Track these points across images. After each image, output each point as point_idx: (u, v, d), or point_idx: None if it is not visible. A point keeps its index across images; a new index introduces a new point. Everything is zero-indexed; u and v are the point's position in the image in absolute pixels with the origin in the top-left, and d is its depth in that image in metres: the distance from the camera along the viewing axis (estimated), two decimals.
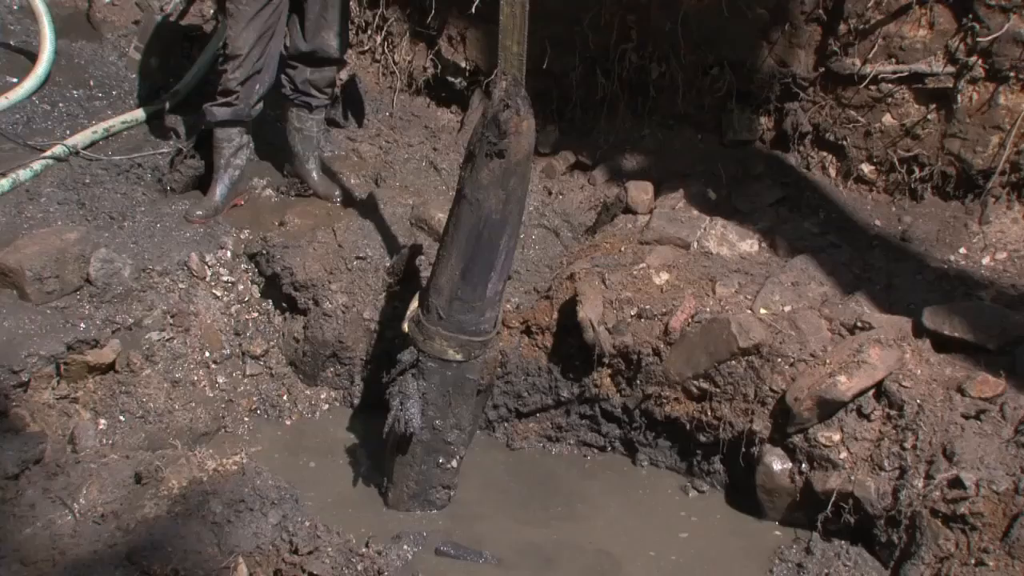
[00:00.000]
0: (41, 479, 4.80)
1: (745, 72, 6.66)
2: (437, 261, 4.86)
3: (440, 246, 4.85)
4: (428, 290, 4.87)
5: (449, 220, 4.79)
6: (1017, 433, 4.75)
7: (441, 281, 4.80)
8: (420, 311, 4.91)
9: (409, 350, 4.97)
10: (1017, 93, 5.88)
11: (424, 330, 4.89)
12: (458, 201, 4.68)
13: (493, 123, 4.43)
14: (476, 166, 4.54)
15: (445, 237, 4.79)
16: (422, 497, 5.26)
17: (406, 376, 5.01)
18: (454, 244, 4.70)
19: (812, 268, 5.78)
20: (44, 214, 6.11)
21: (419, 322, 4.88)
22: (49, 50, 7.22)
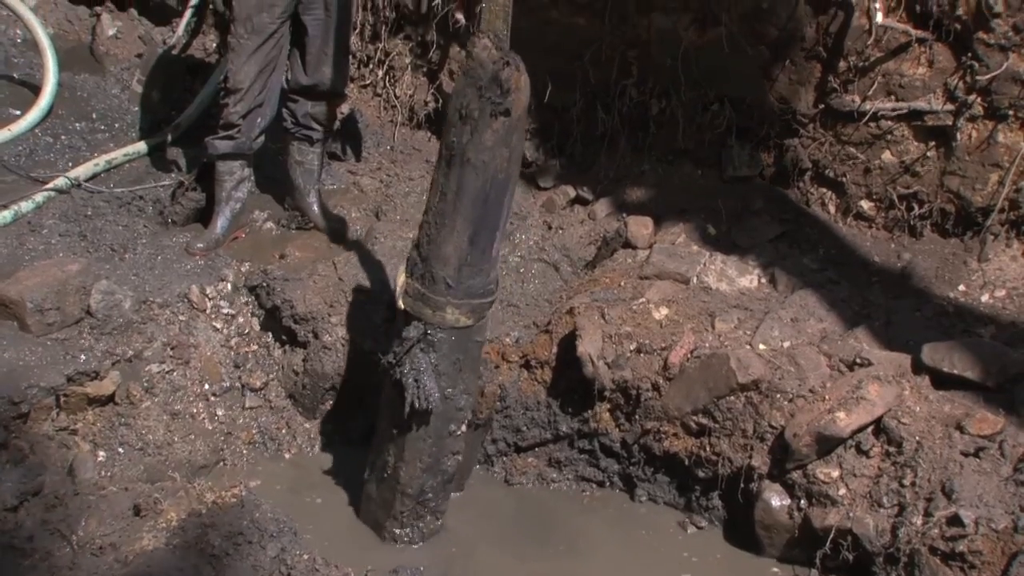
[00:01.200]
0: (40, 511, 4.80)
1: (745, 108, 6.69)
2: (435, 232, 4.69)
3: (435, 216, 4.68)
4: (427, 262, 4.72)
5: (444, 189, 4.61)
6: (1016, 471, 4.74)
7: (447, 250, 4.67)
8: (418, 284, 4.77)
9: (414, 325, 4.83)
10: (1016, 131, 5.90)
11: (431, 302, 4.76)
12: (458, 167, 4.54)
13: (494, 82, 4.32)
14: (477, 128, 4.43)
15: (442, 206, 4.63)
16: (436, 468, 5.16)
17: (414, 352, 4.88)
18: (458, 212, 4.59)
19: (811, 304, 5.79)
20: (46, 246, 6.11)
21: (423, 295, 4.75)
22: (52, 83, 7.24)
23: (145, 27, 8.13)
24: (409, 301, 4.77)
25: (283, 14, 6.05)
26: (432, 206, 4.63)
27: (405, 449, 5.06)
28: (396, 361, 4.85)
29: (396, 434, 5.05)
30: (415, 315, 4.77)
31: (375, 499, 5.28)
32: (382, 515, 5.25)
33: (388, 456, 5.11)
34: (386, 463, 5.12)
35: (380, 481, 5.20)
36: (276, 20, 6.03)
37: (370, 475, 5.25)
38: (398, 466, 5.10)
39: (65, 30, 8.06)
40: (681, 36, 6.62)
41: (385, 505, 5.23)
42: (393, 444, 5.08)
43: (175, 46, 7.93)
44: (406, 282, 4.77)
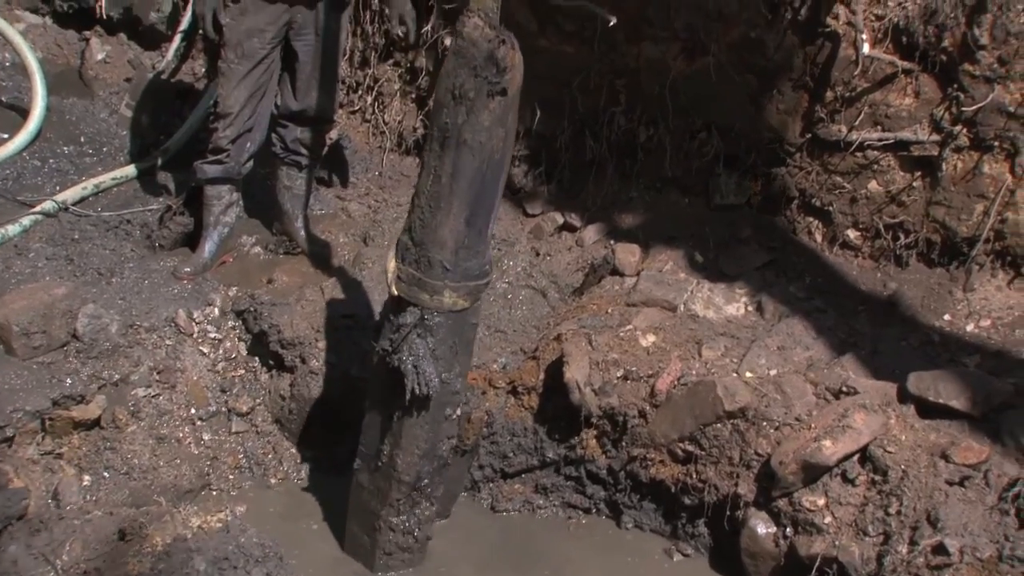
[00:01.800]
0: (24, 535, 4.80)
1: (733, 137, 6.70)
2: (430, 216, 4.58)
3: (429, 200, 4.56)
4: (422, 246, 4.63)
5: (439, 172, 4.49)
6: (1001, 500, 4.75)
7: (443, 234, 4.58)
8: (413, 269, 4.67)
9: (410, 311, 4.73)
10: (1001, 162, 5.90)
11: (428, 286, 4.66)
12: (453, 149, 4.43)
13: (490, 62, 4.25)
14: (474, 109, 4.33)
15: (436, 189, 4.51)
16: (432, 453, 5.09)
17: (411, 338, 4.78)
18: (454, 194, 4.49)
19: (798, 332, 5.80)
20: (32, 269, 6.11)
21: (419, 280, 4.66)
22: (40, 106, 7.24)
23: (134, 51, 8.14)
24: (403, 287, 4.68)
25: (273, 39, 6.07)
26: (424, 189, 4.54)
27: (402, 436, 4.98)
28: (393, 348, 4.77)
29: (391, 422, 4.98)
30: (410, 300, 4.69)
31: (368, 488, 5.20)
32: (377, 504, 5.17)
33: (383, 445, 5.04)
34: (380, 452, 5.06)
35: (374, 471, 5.13)
36: (266, 45, 6.06)
37: (361, 465, 5.18)
38: (395, 454, 5.02)
39: (54, 54, 8.06)
40: (670, 65, 6.64)
41: (380, 494, 5.15)
42: (388, 433, 5.01)
43: (164, 71, 7.93)
44: (398, 268, 4.69)
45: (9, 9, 8.14)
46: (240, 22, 5.98)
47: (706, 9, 6.40)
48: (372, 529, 5.23)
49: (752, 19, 6.38)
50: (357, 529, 5.36)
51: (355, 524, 5.37)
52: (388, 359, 4.77)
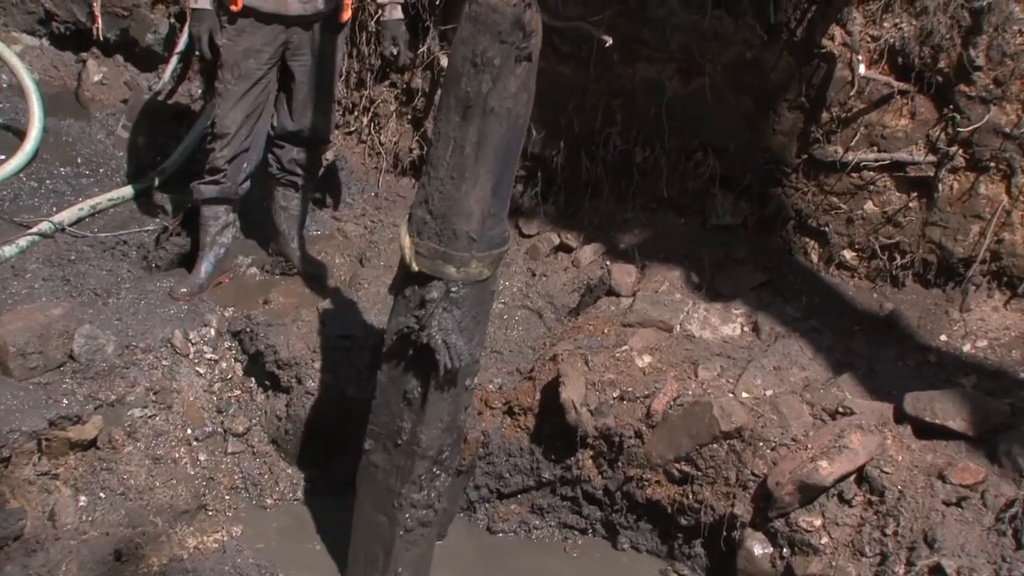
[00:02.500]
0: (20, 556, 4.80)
1: (728, 157, 6.72)
2: (453, 188, 4.43)
3: (451, 172, 4.41)
4: (444, 219, 4.49)
5: (461, 142, 4.34)
6: (998, 521, 4.75)
7: (468, 204, 4.46)
8: (434, 243, 4.52)
9: (435, 285, 4.59)
10: (997, 183, 5.94)
11: (455, 259, 4.53)
12: (479, 118, 4.30)
13: (517, 27, 4.12)
14: (500, 76, 4.21)
15: (459, 160, 4.37)
16: (453, 425, 4.99)
17: (437, 313, 4.64)
18: (480, 163, 4.37)
19: (794, 353, 5.81)
20: (29, 290, 6.11)
21: (443, 253, 4.51)
22: (37, 127, 7.28)
23: (131, 73, 8.16)
24: (426, 262, 4.54)
25: (270, 60, 6.09)
26: (443, 161, 4.40)
27: (425, 412, 4.87)
28: (421, 325, 4.62)
29: (412, 399, 4.86)
30: (433, 275, 4.55)
31: (385, 468, 5.05)
32: (397, 482, 5.04)
33: (403, 422, 4.92)
34: (400, 430, 4.93)
35: (393, 449, 4.99)
36: (263, 66, 6.07)
37: (375, 446, 5.05)
38: (418, 430, 4.92)
39: (51, 75, 8.10)
40: (665, 85, 6.66)
41: (401, 472, 5.02)
42: (409, 410, 4.89)
43: (161, 92, 7.94)
44: (415, 243, 4.55)
45: (6, 31, 8.18)
46: (237, 43, 5.99)
47: (701, 30, 6.42)
48: (392, 508, 5.10)
49: (748, 40, 6.41)
50: (370, 517, 5.19)
51: (368, 507, 5.19)
52: (415, 336, 4.63)
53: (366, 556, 5.20)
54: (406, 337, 4.65)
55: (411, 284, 4.63)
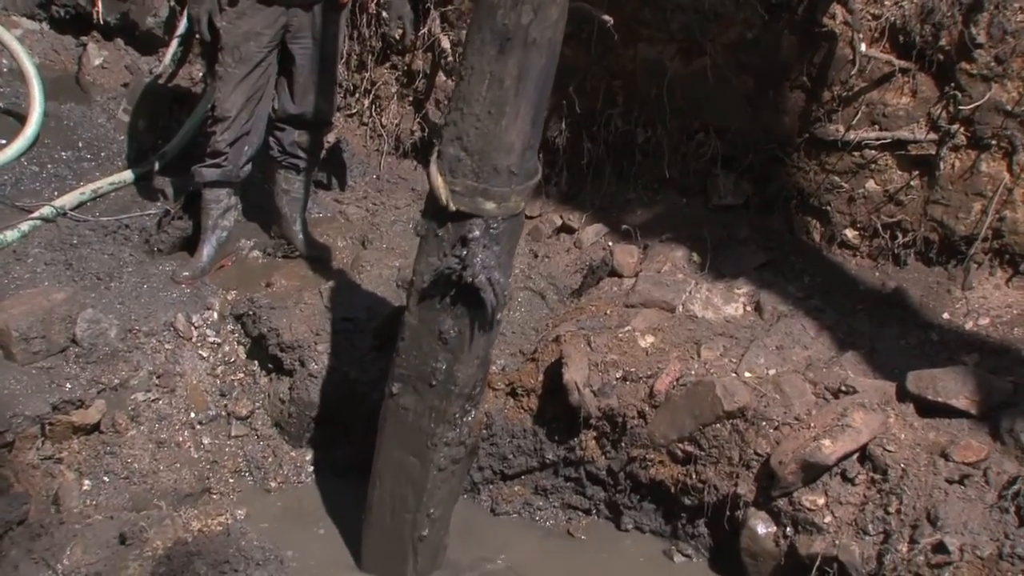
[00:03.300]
0: (25, 540, 4.82)
1: (730, 137, 6.73)
2: (491, 124, 4.32)
3: (489, 107, 4.29)
4: (482, 155, 4.37)
5: (500, 76, 4.24)
6: (1000, 498, 4.77)
7: (509, 139, 4.36)
8: (472, 180, 4.42)
9: (475, 223, 4.49)
10: (999, 161, 5.94)
11: (495, 194, 4.45)
12: (519, 50, 4.21)
13: None
14: (542, 6, 4.12)
15: (498, 94, 4.26)
16: (485, 359, 4.95)
17: (479, 251, 4.53)
18: (521, 97, 4.28)
19: (796, 332, 5.81)
20: (31, 275, 6.12)
21: (483, 190, 4.43)
22: (38, 112, 7.27)
23: (132, 57, 8.15)
24: (465, 200, 4.44)
25: (270, 43, 6.08)
26: (479, 97, 4.28)
27: (462, 350, 4.82)
28: (464, 265, 4.51)
29: (448, 338, 4.78)
30: (472, 213, 4.46)
31: (416, 411, 4.95)
32: (431, 423, 4.98)
33: (437, 363, 4.82)
34: (434, 370, 4.84)
35: (426, 390, 4.89)
36: (263, 49, 6.07)
37: (403, 389, 4.92)
38: (454, 369, 4.84)
39: (51, 60, 8.09)
40: (666, 66, 6.66)
41: (436, 413, 4.95)
42: (444, 349, 4.80)
43: (162, 75, 7.94)
44: (449, 182, 4.44)
45: (6, 15, 8.17)
46: (237, 26, 5.99)
47: (702, 10, 6.42)
48: (424, 449, 5.05)
49: (748, 19, 6.41)
50: (399, 460, 5.11)
51: (396, 451, 5.11)
52: (456, 277, 4.54)
53: (394, 499, 5.14)
54: (446, 278, 4.55)
55: (444, 224, 4.54)
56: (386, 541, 5.25)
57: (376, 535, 5.27)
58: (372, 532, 5.27)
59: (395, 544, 5.24)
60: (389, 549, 5.26)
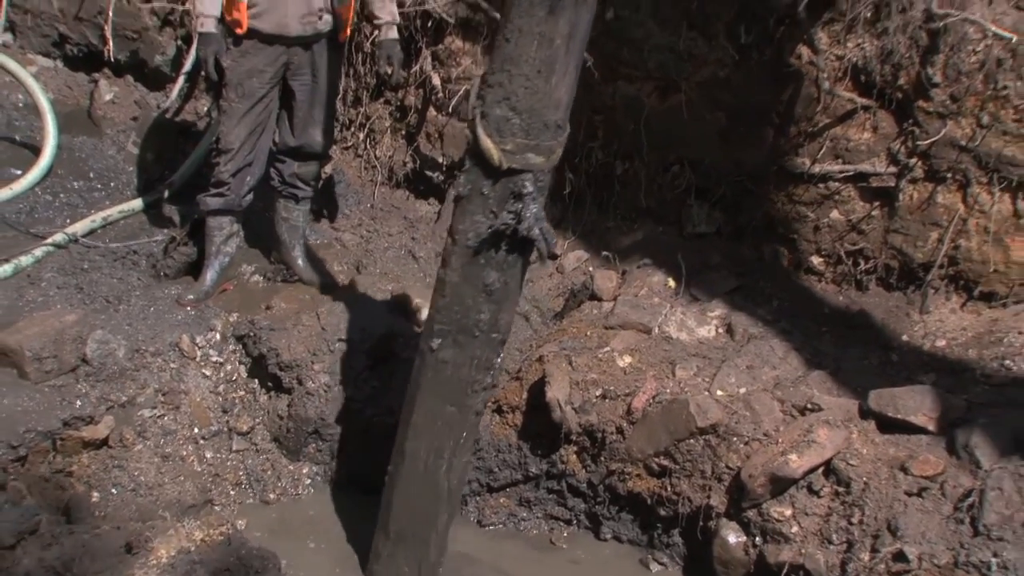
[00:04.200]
0: (36, 549, 4.78)
1: (703, 170, 6.74)
2: (542, 82, 4.22)
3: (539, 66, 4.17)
4: (532, 113, 4.26)
5: (551, 35, 4.12)
6: (956, 510, 4.77)
7: (559, 95, 4.29)
8: (522, 138, 4.30)
9: (526, 179, 4.37)
10: (954, 192, 5.96)
11: (544, 149, 4.35)
12: (571, 9, 4.11)
13: None
14: None
15: (548, 53, 4.11)
16: (518, 301, 4.90)
17: (531, 204, 4.43)
18: (570, 54, 4.20)
19: (766, 353, 5.84)
20: (44, 297, 6.11)
21: (534, 146, 4.32)
22: (52, 144, 7.28)
23: (140, 92, 8.16)
24: (516, 158, 4.31)
25: (272, 79, 6.09)
26: (528, 57, 4.15)
27: (507, 299, 4.75)
28: (519, 219, 4.42)
29: (493, 290, 4.66)
30: (523, 169, 4.34)
31: (455, 362, 4.83)
32: (473, 372, 4.87)
33: (481, 314, 4.71)
34: (478, 322, 4.72)
35: (468, 341, 4.78)
36: (266, 85, 6.08)
37: (444, 343, 4.78)
38: (498, 317, 4.77)
39: (65, 95, 8.08)
40: (644, 102, 6.68)
41: (478, 361, 4.86)
42: (488, 301, 4.67)
43: (169, 110, 7.96)
44: (498, 142, 4.29)
45: (22, 53, 8.18)
46: (241, 63, 6.00)
47: (677, 50, 6.44)
48: (464, 397, 4.95)
49: (721, 59, 6.43)
50: (436, 412, 4.97)
51: (434, 404, 4.96)
52: (513, 232, 4.44)
53: (430, 450, 5.03)
54: (500, 233, 4.46)
55: (493, 182, 4.40)
56: (419, 493, 5.14)
57: (408, 489, 5.13)
58: (403, 488, 5.13)
59: (429, 494, 5.16)
60: (422, 502, 5.16)
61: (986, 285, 5.99)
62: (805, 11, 6.07)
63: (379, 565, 5.29)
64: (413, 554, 5.23)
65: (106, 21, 8.01)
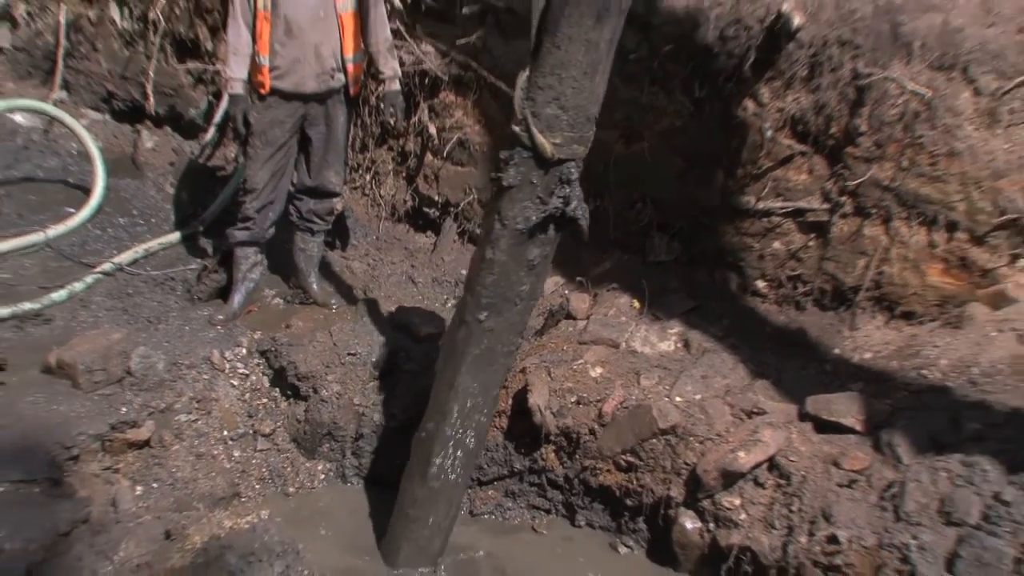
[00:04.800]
0: (87, 536, 4.78)
1: (663, 206, 6.73)
2: (587, 81, 4.20)
3: (585, 69, 4.16)
4: (577, 109, 4.26)
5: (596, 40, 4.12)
6: (881, 499, 4.78)
7: (599, 91, 4.25)
8: (567, 132, 4.28)
9: (572, 166, 4.36)
10: (878, 226, 5.95)
11: (584, 139, 4.35)
12: (615, 17, 4.13)
13: None
14: None
15: (594, 56, 4.16)
16: (546, 276, 4.84)
17: (575, 188, 4.41)
18: (609, 55, 4.20)
19: (718, 364, 5.83)
20: (94, 318, 6.14)
21: (578, 138, 4.32)
22: (101, 186, 7.31)
23: (177, 140, 8.19)
24: (564, 149, 4.31)
25: (291, 129, 6.13)
26: (576, 61, 4.14)
27: (544, 270, 4.75)
28: (566, 203, 4.42)
29: (535, 264, 4.61)
30: (569, 158, 4.35)
31: (497, 329, 4.80)
32: (510, 335, 4.85)
33: (523, 286, 4.69)
34: (520, 293, 4.71)
35: (509, 310, 4.75)
36: (286, 134, 6.12)
37: (490, 315, 4.74)
38: (536, 287, 4.76)
39: (112, 143, 8.10)
40: (612, 148, 6.67)
41: (515, 325, 4.83)
42: (529, 274, 4.67)
43: (201, 156, 7.97)
44: (549, 137, 4.27)
45: (76, 108, 8.20)
46: (264, 116, 6.04)
47: (640, 103, 6.46)
48: (502, 355, 4.94)
49: (678, 111, 6.44)
50: (480, 370, 4.91)
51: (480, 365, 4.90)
52: (562, 213, 4.44)
53: (472, 406, 5.02)
54: (550, 216, 4.45)
55: (540, 172, 4.38)
56: (456, 456, 5.13)
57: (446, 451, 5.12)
58: (438, 450, 5.09)
59: (466, 458, 5.17)
60: (457, 467, 5.16)
61: (906, 305, 5.97)
62: (750, 70, 6.10)
63: (415, 509, 5.24)
64: (446, 496, 5.23)
65: (147, 80, 8.07)
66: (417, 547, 5.34)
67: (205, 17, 7.90)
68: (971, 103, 5.64)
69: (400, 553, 5.36)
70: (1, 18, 8.45)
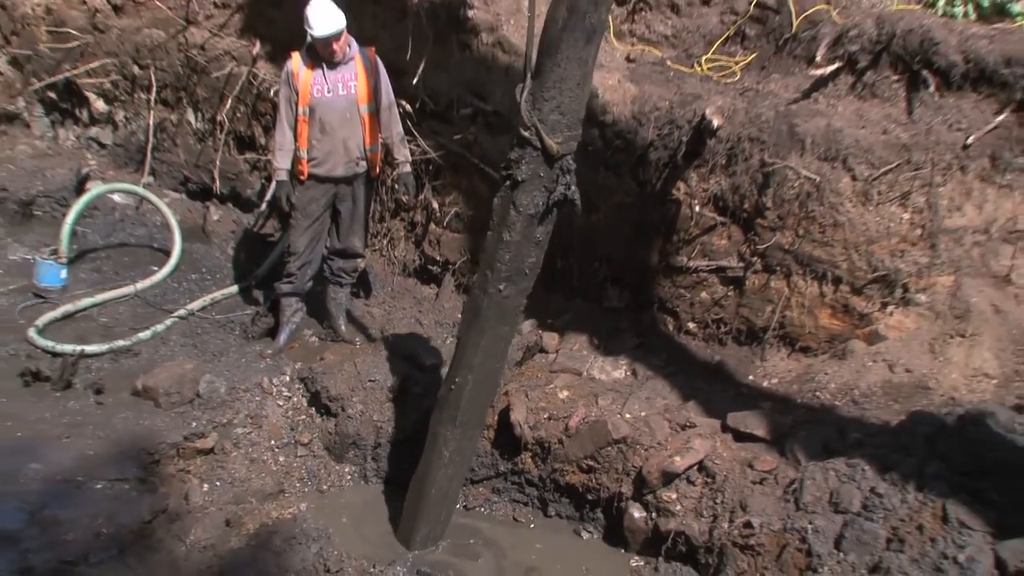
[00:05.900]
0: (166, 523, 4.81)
1: (616, 264, 6.69)
2: (581, 91, 4.19)
3: (577, 85, 4.14)
4: (571, 114, 4.21)
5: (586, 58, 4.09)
6: (785, 493, 4.83)
7: (586, 96, 4.28)
8: (566, 132, 4.24)
9: (571, 160, 4.30)
10: (781, 280, 5.97)
11: (577, 136, 4.30)
12: (599, 37, 4.07)
13: None
14: (605, 2, 3.99)
15: (583, 73, 4.14)
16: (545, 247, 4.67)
17: (573, 176, 4.35)
18: (593, 67, 4.19)
19: (659, 388, 5.85)
20: (172, 352, 6.18)
21: (574, 136, 4.26)
22: (178, 249, 7.39)
23: (237, 214, 8.21)
24: (566, 145, 4.26)
25: (325, 205, 6.19)
26: (573, 76, 4.12)
27: (546, 244, 4.66)
28: (568, 188, 4.35)
29: (540, 240, 4.59)
30: (567, 153, 4.30)
31: (512, 295, 4.71)
32: (520, 299, 4.79)
33: (531, 258, 4.62)
34: (529, 265, 4.63)
35: (520, 279, 4.68)
36: (321, 208, 6.18)
37: (508, 285, 4.66)
38: (538, 260, 4.68)
39: (186, 217, 8.14)
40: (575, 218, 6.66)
41: (523, 292, 4.76)
42: (536, 249, 4.61)
43: (255, 226, 8.02)
44: (553, 138, 4.21)
45: (160, 189, 8.29)
46: (304, 195, 6.11)
47: (597, 183, 6.43)
48: (514, 317, 4.86)
49: (626, 190, 6.45)
50: (495, 332, 4.83)
51: (497, 328, 4.81)
52: (565, 198, 4.38)
53: (494, 362, 4.97)
54: (556, 202, 4.40)
55: (547, 167, 4.32)
56: (479, 397, 5.04)
57: (477, 388, 5.01)
58: (475, 388, 4.97)
59: (491, 389, 5.17)
60: (485, 394, 5.09)
61: (803, 342, 5.99)
62: (682, 159, 6.13)
63: (448, 450, 5.10)
64: (472, 433, 5.19)
65: (215, 167, 8.13)
66: (430, 527, 5.30)
67: (260, 119, 7.94)
68: (850, 186, 5.72)
69: (417, 534, 5.32)
70: (106, 122, 8.56)
